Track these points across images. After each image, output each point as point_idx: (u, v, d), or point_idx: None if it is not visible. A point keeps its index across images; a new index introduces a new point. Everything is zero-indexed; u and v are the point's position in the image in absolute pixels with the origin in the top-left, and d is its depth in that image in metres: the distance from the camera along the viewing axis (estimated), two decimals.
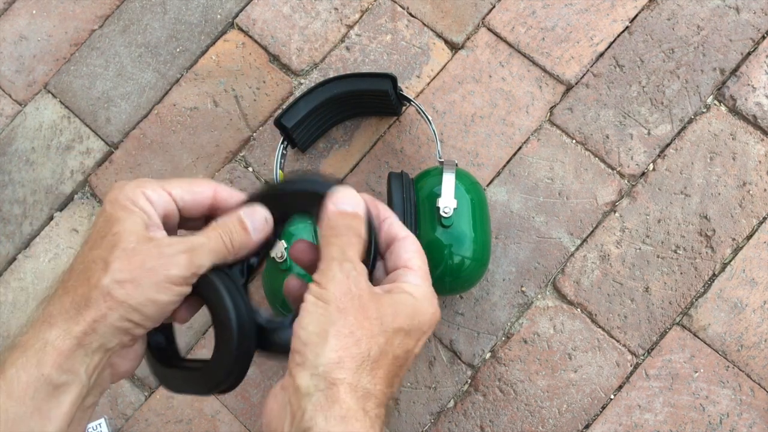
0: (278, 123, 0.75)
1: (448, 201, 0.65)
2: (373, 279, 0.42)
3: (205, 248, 0.40)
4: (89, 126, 0.87)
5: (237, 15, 0.89)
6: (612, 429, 0.72)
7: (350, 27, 0.86)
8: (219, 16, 0.89)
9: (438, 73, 0.84)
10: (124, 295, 0.38)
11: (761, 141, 0.78)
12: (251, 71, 0.86)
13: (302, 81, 0.85)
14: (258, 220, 0.42)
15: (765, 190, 0.76)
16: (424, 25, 0.85)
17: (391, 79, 0.74)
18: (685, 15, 0.82)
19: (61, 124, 0.87)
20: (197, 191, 0.42)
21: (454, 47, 0.84)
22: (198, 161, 0.84)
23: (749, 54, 0.80)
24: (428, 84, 0.83)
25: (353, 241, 0.40)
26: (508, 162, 0.80)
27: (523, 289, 0.77)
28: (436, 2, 0.86)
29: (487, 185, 0.80)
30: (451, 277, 0.67)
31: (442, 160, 0.71)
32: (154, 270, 0.38)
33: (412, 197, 0.67)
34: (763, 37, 0.81)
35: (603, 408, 0.73)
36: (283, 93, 0.85)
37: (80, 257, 0.40)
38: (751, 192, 0.76)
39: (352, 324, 0.38)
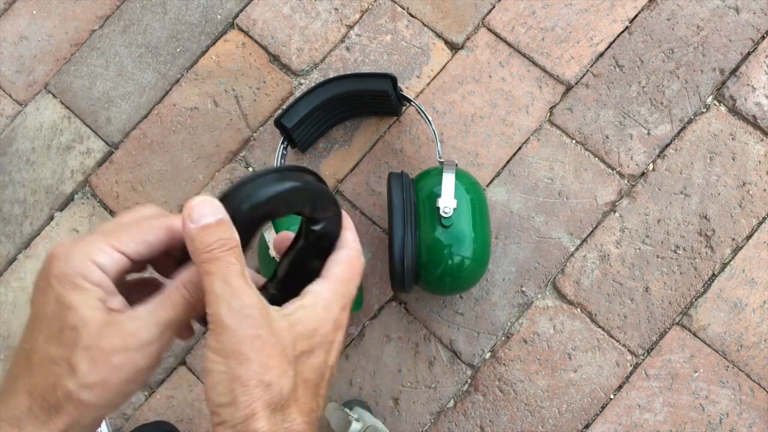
0: (278, 123, 0.75)
1: (448, 201, 0.65)
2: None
3: (169, 319, 0.37)
4: (89, 126, 0.87)
5: (237, 15, 0.89)
6: (612, 429, 0.72)
7: (350, 27, 0.86)
8: (219, 17, 0.89)
9: (438, 73, 0.84)
10: (95, 398, 0.36)
11: (761, 141, 0.78)
12: (251, 71, 0.86)
13: (302, 81, 0.85)
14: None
15: (765, 190, 0.76)
16: (424, 25, 0.85)
17: (391, 79, 0.74)
18: (684, 15, 0.82)
19: (61, 124, 0.88)
20: (150, 240, 0.37)
21: (454, 47, 0.84)
22: (198, 161, 0.84)
23: (749, 54, 0.80)
24: (428, 84, 0.83)
25: (230, 261, 0.36)
26: (508, 162, 0.80)
27: (523, 289, 0.77)
28: (436, 2, 0.86)
29: (487, 185, 0.80)
30: (451, 277, 0.67)
31: (442, 160, 0.71)
32: (121, 367, 0.35)
33: (412, 198, 0.66)
34: (763, 38, 0.81)
35: (603, 408, 0.73)
36: (283, 93, 0.85)
37: (36, 350, 0.36)
38: (750, 192, 0.76)
39: (257, 371, 0.35)
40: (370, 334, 0.77)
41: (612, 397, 0.73)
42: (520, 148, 0.80)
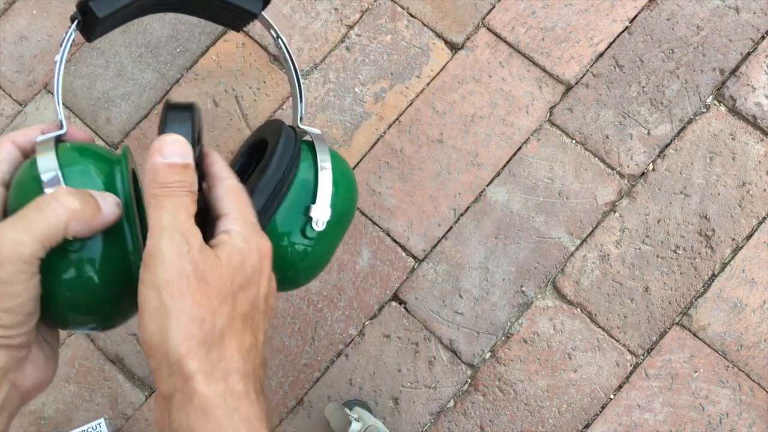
0: (84, 7, 0.47)
1: (321, 211, 0.49)
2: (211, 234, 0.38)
3: (35, 237, 0.36)
4: (89, 126, 0.87)
5: None
6: (612, 429, 0.72)
7: (350, 27, 0.86)
8: None
9: (438, 73, 0.84)
10: None
11: (761, 141, 0.78)
12: (251, 71, 0.86)
13: (302, 81, 0.85)
14: (112, 200, 0.39)
15: (764, 190, 0.76)
16: (424, 25, 0.85)
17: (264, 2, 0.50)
18: (684, 15, 0.82)
19: None
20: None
21: (454, 47, 0.84)
22: None
23: (749, 54, 0.80)
24: (428, 84, 0.83)
25: (185, 201, 0.36)
26: (508, 162, 0.80)
27: (523, 289, 0.77)
28: (436, 2, 0.86)
29: (487, 185, 0.80)
30: (292, 271, 0.51)
31: (307, 129, 0.52)
32: None
33: (289, 180, 0.50)
34: (763, 38, 0.81)
35: (603, 408, 0.73)
36: (284, 93, 0.85)
37: None
38: (750, 192, 0.76)
39: (191, 307, 0.35)
40: (370, 334, 0.77)
41: (612, 397, 0.73)
42: (520, 148, 0.80)
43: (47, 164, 0.39)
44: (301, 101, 0.50)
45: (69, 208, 0.36)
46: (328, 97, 0.84)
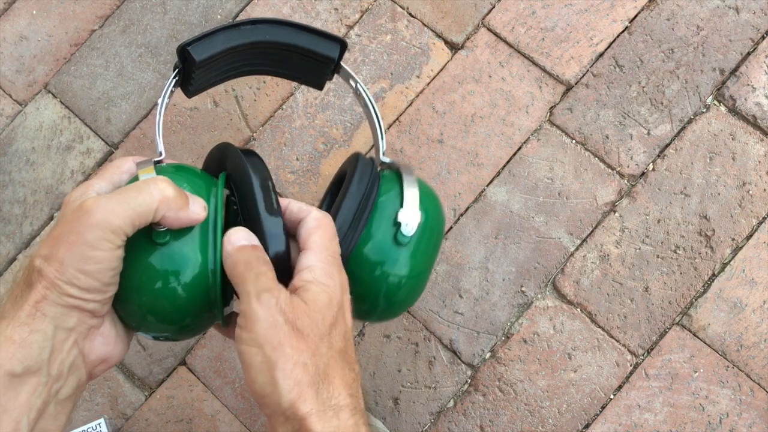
0: (183, 51, 0.52)
1: (410, 214, 0.49)
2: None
3: (127, 211, 0.39)
4: (89, 126, 0.87)
5: (237, 15, 0.89)
6: (612, 429, 0.72)
7: (350, 27, 0.86)
8: (219, 17, 0.89)
9: (438, 74, 0.84)
10: (53, 272, 0.38)
11: (761, 141, 0.78)
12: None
13: None
14: (199, 203, 0.43)
15: (765, 190, 0.76)
16: (424, 25, 0.85)
17: (341, 45, 0.56)
18: (684, 15, 0.82)
19: (61, 124, 0.88)
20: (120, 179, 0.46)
21: (454, 47, 0.84)
22: (198, 161, 0.84)
23: (749, 54, 0.80)
24: (428, 84, 0.83)
25: (263, 270, 0.40)
26: (508, 162, 0.80)
27: (523, 289, 0.77)
28: (436, 2, 0.86)
29: (487, 185, 0.80)
30: (383, 301, 0.52)
31: (391, 161, 0.55)
32: (73, 243, 0.38)
33: (374, 195, 0.51)
34: (763, 38, 0.81)
35: (603, 408, 0.73)
36: (284, 93, 0.85)
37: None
38: (750, 192, 0.77)
39: (292, 355, 0.37)
40: (370, 334, 0.77)
41: (612, 397, 0.73)
42: (520, 148, 0.80)
43: (147, 174, 0.43)
44: (382, 138, 0.55)
45: (163, 193, 0.40)
46: (328, 97, 0.84)
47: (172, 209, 0.40)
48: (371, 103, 0.57)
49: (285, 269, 0.43)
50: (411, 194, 0.50)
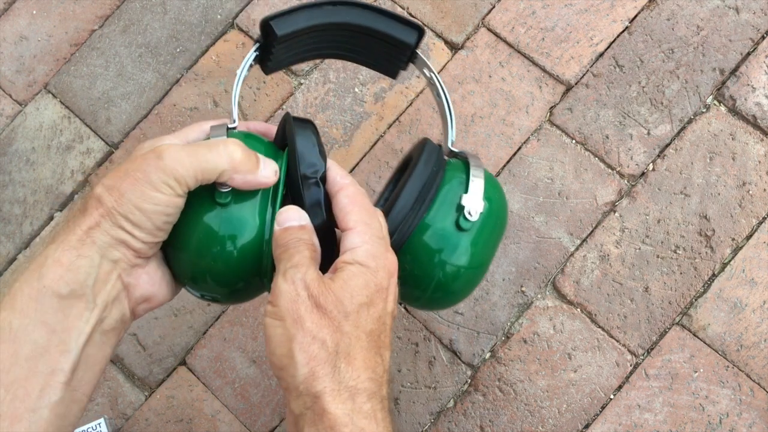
0: (266, 25, 0.52)
1: (474, 201, 0.49)
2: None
3: (194, 163, 0.40)
4: (89, 126, 0.87)
5: (237, 15, 0.89)
6: (612, 429, 0.72)
7: None
8: (219, 17, 0.89)
9: (438, 74, 0.84)
10: (112, 202, 0.39)
11: (761, 141, 0.78)
12: (251, 71, 0.86)
13: (302, 81, 0.85)
14: (272, 167, 0.43)
15: (765, 190, 0.76)
16: (425, 25, 0.85)
17: (419, 32, 0.56)
18: (684, 15, 0.82)
19: (61, 124, 0.88)
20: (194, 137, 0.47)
21: (454, 47, 0.84)
22: None
23: (749, 54, 0.80)
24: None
25: (300, 248, 0.40)
26: (508, 162, 0.80)
27: (523, 289, 0.77)
28: (436, 2, 0.86)
29: None
30: (434, 289, 0.51)
31: (458, 150, 0.55)
32: (138, 180, 0.39)
33: (439, 179, 0.50)
34: (763, 38, 0.81)
35: (603, 408, 0.73)
36: (284, 93, 0.85)
37: None
38: (750, 192, 0.77)
39: (311, 329, 0.38)
40: None
41: (612, 397, 0.73)
42: (520, 148, 0.80)
43: (219, 136, 0.45)
44: (452, 128, 0.55)
45: (232, 156, 0.41)
46: (328, 97, 0.84)
47: (240, 171, 0.41)
48: (445, 94, 0.57)
49: (330, 240, 0.44)
50: (477, 181, 0.50)
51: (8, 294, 0.38)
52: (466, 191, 0.50)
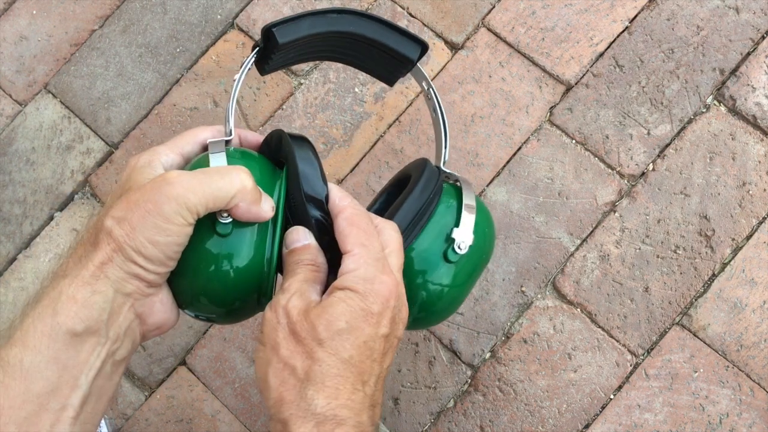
0: (268, 32, 0.52)
1: (465, 234, 0.50)
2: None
3: (206, 191, 0.40)
4: (89, 126, 0.87)
5: (237, 15, 0.89)
6: (612, 429, 0.72)
7: None
8: (219, 17, 0.89)
9: (438, 74, 0.84)
10: (123, 236, 0.38)
11: (761, 141, 0.78)
12: (251, 71, 0.86)
13: (302, 81, 0.85)
14: (270, 203, 0.43)
15: (765, 190, 0.76)
16: (424, 25, 0.85)
17: (423, 48, 0.56)
18: (684, 15, 0.82)
19: (61, 124, 0.88)
20: (188, 149, 0.47)
21: (454, 47, 0.84)
22: None
23: (749, 54, 0.80)
24: None
25: (296, 271, 0.41)
26: (507, 162, 0.80)
27: (523, 289, 0.77)
28: (436, 2, 0.86)
29: (487, 185, 0.80)
30: (423, 312, 0.52)
31: (452, 173, 0.55)
32: (149, 211, 0.38)
33: (434, 205, 0.51)
34: (763, 38, 0.81)
35: (603, 408, 0.73)
36: (284, 93, 0.85)
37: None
38: (750, 192, 0.76)
39: (285, 355, 0.38)
40: None
41: (612, 397, 0.73)
42: (520, 148, 0.80)
43: (218, 161, 0.45)
44: (445, 147, 0.55)
45: (243, 183, 0.41)
46: (328, 97, 0.84)
47: (247, 201, 0.41)
48: (440, 108, 0.57)
49: (339, 258, 0.44)
50: (468, 216, 0.51)
51: (20, 329, 0.38)
52: (457, 225, 0.50)
